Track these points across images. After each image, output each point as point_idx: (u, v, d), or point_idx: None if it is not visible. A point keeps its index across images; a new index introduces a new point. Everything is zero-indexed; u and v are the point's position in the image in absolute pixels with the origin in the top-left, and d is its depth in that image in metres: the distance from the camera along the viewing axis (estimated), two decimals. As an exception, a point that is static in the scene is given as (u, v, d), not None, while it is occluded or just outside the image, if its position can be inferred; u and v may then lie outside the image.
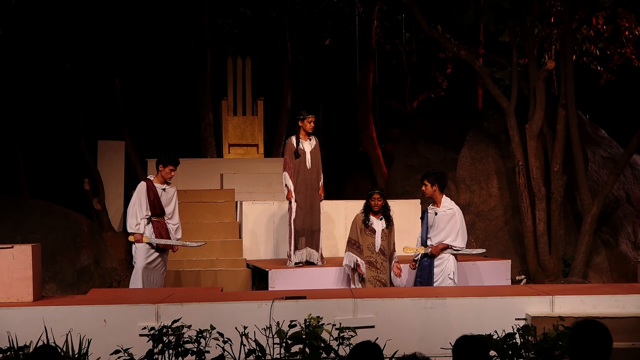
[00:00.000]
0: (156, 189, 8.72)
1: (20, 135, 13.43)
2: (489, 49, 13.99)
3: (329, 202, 11.00)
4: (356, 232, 8.69)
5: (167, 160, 8.74)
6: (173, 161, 8.78)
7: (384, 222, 8.67)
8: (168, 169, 8.73)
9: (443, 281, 8.29)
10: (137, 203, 8.65)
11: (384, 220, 8.67)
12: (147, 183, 8.73)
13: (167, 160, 8.74)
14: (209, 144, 14.65)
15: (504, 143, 12.10)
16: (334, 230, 10.91)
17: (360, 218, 8.70)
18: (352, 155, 16.30)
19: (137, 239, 8.59)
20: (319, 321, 6.13)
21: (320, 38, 17.87)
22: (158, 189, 8.73)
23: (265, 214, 10.90)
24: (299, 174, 9.40)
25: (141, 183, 8.81)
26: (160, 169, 8.75)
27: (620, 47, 12.98)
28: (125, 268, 11.23)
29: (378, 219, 8.67)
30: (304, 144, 9.46)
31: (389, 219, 8.69)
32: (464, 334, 4.21)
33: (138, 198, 8.67)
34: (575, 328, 3.98)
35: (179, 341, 5.95)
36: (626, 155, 10.95)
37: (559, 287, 8.30)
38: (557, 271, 10.96)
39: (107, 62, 13.50)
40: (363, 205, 8.78)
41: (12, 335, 6.33)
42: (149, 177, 8.96)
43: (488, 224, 11.88)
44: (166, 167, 8.72)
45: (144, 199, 8.64)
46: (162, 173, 8.76)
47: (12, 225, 10.44)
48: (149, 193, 8.65)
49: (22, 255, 6.95)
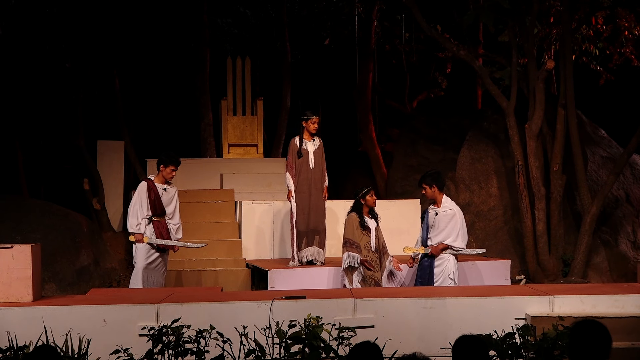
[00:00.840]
0: (157, 189, 8.71)
1: (19, 135, 13.44)
2: (488, 49, 14.00)
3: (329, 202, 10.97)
4: (352, 232, 8.59)
5: (168, 160, 8.73)
6: (174, 161, 8.77)
7: (374, 221, 8.68)
8: (169, 169, 8.73)
9: (443, 281, 8.29)
10: (137, 203, 8.64)
11: (374, 218, 8.69)
12: (148, 183, 8.72)
13: (168, 160, 8.73)
14: (208, 143, 14.66)
15: (503, 143, 12.11)
16: (334, 230, 10.89)
17: (356, 218, 8.63)
18: (351, 155, 16.30)
19: (137, 239, 8.58)
20: (319, 321, 6.13)
21: (319, 38, 17.88)
22: (159, 189, 8.72)
23: (265, 214, 10.89)
24: (301, 174, 9.41)
25: (142, 183, 8.79)
26: (161, 169, 8.74)
27: (620, 47, 12.99)
28: (125, 268, 11.23)
29: (369, 218, 8.67)
30: (308, 144, 9.49)
31: (376, 217, 8.71)
32: (463, 334, 4.21)
33: (139, 198, 8.66)
34: (575, 328, 3.98)
35: (178, 341, 5.95)
36: (625, 155, 10.95)
37: (558, 287, 8.31)
38: (557, 271, 10.96)
39: (107, 62, 13.50)
40: (353, 205, 8.73)
41: (11, 335, 6.33)
42: (150, 176, 8.95)
43: (488, 223, 11.89)
44: (167, 167, 8.71)
45: (145, 199, 8.63)
46: (163, 173, 8.75)
47: (11, 225, 10.43)
48: (150, 193, 8.65)
49: (22, 255, 6.95)
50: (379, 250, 8.65)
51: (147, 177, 9.01)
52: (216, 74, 15.14)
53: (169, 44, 15.99)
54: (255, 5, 17.77)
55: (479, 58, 13.14)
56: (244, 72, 14.12)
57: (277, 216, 10.80)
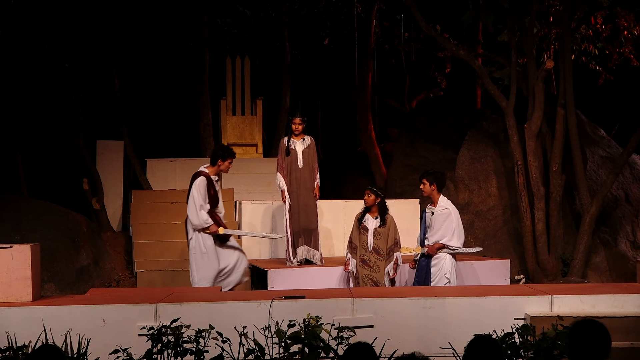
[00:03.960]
0: (214, 183, 8.62)
1: (19, 135, 13.44)
2: (487, 49, 14.01)
3: (328, 202, 11.02)
4: (353, 232, 8.80)
5: (227, 154, 8.64)
6: (233, 154, 8.74)
7: (378, 221, 8.67)
8: (227, 162, 8.64)
9: (439, 280, 8.30)
10: (200, 198, 8.44)
11: (379, 219, 8.67)
12: (207, 178, 8.54)
13: (227, 154, 8.64)
14: (207, 143, 14.64)
15: (502, 143, 12.11)
16: (333, 230, 10.92)
17: (357, 217, 8.78)
18: (351, 154, 16.30)
19: (214, 230, 8.47)
20: (318, 321, 6.12)
21: (319, 38, 17.88)
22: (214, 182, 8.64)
23: (264, 214, 10.90)
24: (290, 173, 9.44)
25: (201, 178, 8.53)
26: (219, 163, 8.59)
27: (619, 47, 12.99)
28: (124, 268, 11.24)
29: (373, 218, 8.68)
30: (296, 143, 9.49)
31: (383, 220, 8.68)
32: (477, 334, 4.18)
33: (200, 193, 8.46)
34: (574, 328, 3.97)
35: (178, 341, 5.94)
36: (625, 154, 10.95)
37: (557, 286, 8.30)
38: (556, 271, 10.96)
39: (106, 62, 13.50)
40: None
41: (11, 335, 6.33)
42: (203, 169, 8.69)
43: (487, 223, 11.89)
44: (226, 161, 8.61)
45: (205, 193, 8.47)
46: (221, 166, 8.61)
47: (11, 225, 10.44)
48: (209, 188, 8.53)
49: (21, 255, 6.95)
50: (382, 252, 8.63)
51: (202, 170, 8.67)
52: (215, 74, 15.14)
53: (169, 44, 16.00)
54: (255, 5, 17.77)
55: (479, 58, 13.14)
56: (244, 72, 14.13)
57: (276, 216, 10.79)
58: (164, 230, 10.94)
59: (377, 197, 8.68)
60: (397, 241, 8.66)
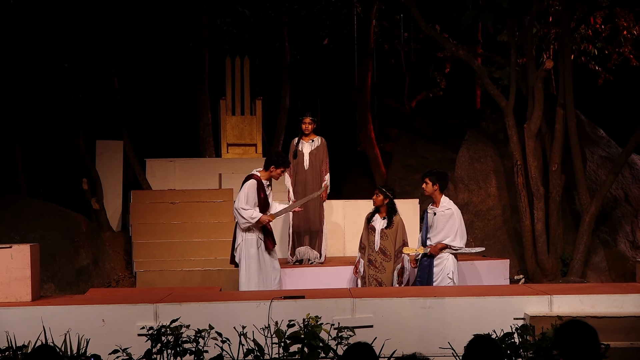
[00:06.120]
0: (264, 187, 8.48)
1: (19, 135, 13.43)
2: (487, 49, 13.99)
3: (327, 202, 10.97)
4: (362, 232, 8.83)
5: (281, 161, 8.46)
6: (287, 163, 8.59)
7: (385, 222, 8.66)
8: (279, 170, 8.45)
9: (442, 281, 8.30)
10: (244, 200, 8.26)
11: (387, 220, 8.66)
12: (258, 182, 8.41)
13: (281, 162, 8.45)
14: (207, 143, 14.66)
15: (502, 143, 12.11)
16: (334, 230, 10.91)
17: (367, 215, 8.81)
18: (350, 154, 16.31)
19: (266, 220, 8.31)
20: (318, 321, 6.13)
21: (318, 38, 17.89)
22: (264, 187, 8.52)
23: (264, 214, 10.89)
24: (297, 175, 9.51)
25: (251, 181, 8.39)
26: (272, 169, 8.42)
27: (619, 47, 12.98)
28: (124, 268, 11.24)
29: (381, 218, 8.67)
30: (304, 145, 9.55)
31: (390, 221, 8.66)
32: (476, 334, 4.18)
33: (248, 195, 8.29)
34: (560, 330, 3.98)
35: (177, 341, 5.95)
36: (624, 154, 10.95)
37: (557, 286, 8.30)
38: (556, 271, 10.96)
39: (106, 62, 13.49)
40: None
41: (10, 335, 6.33)
42: (256, 172, 8.54)
43: (486, 223, 11.89)
44: (278, 168, 8.43)
45: (253, 197, 8.31)
46: (272, 173, 8.43)
47: (10, 225, 10.43)
48: (259, 191, 8.39)
49: (21, 255, 6.95)
50: (389, 252, 8.62)
51: (254, 173, 8.53)
52: (215, 74, 15.14)
53: (168, 44, 16.00)
54: (254, 5, 17.79)
55: (478, 58, 13.14)
56: (243, 72, 14.12)
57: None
58: (164, 230, 10.94)
59: (385, 198, 8.64)
60: (405, 243, 8.65)
